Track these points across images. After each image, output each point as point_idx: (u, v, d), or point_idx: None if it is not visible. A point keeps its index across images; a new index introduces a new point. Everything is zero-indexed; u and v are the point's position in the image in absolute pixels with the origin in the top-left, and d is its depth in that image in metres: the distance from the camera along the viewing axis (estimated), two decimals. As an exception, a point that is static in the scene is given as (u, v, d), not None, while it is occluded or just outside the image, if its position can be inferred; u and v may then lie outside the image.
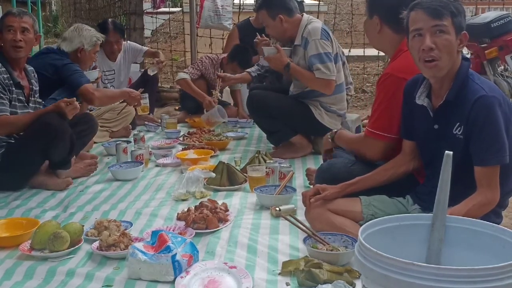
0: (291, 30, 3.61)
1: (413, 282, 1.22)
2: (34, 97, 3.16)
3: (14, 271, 2.01)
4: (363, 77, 6.73)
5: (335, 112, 3.65)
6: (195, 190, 2.86)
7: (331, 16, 7.12)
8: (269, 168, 2.95)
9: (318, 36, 3.48)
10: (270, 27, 3.67)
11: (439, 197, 1.48)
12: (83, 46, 3.67)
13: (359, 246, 1.37)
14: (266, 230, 2.36)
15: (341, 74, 3.66)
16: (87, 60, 3.78)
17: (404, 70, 2.25)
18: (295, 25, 3.60)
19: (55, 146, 2.97)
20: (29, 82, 3.14)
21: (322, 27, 3.55)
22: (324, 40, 3.49)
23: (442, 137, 1.99)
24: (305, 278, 1.83)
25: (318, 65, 3.44)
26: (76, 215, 2.62)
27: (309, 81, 3.52)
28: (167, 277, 1.88)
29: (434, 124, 2.01)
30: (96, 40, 3.74)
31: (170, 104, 6.11)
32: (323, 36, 3.49)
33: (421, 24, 1.88)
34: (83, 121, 3.41)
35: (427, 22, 1.86)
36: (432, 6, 1.86)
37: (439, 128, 2.00)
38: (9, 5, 9.61)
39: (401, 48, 2.34)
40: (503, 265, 1.22)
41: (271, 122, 3.67)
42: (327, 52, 3.48)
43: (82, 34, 3.69)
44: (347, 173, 2.40)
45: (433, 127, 2.02)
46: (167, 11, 9.33)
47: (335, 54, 3.58)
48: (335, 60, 3.56)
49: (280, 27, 3.61)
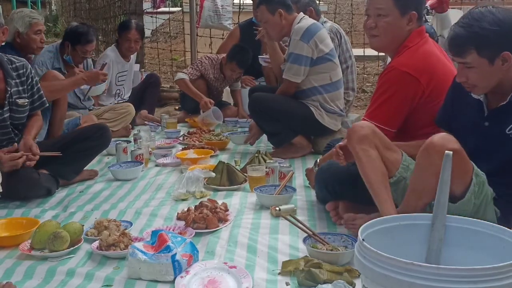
0: (287, 27, 3.65)
1: (413, 282, 1.22)
2: (11, 99, 2.81)
3: (14, 271, 2.01)
4: (363, 77, 6.72)
5: (336, 113, 3.66)
6: (195, 190, 2.86)
7: (331, 16, 7.11)
8: (269, 168, 2.95)
9: (298, 36, 3.54)
10: (269, 22, 3.69)
11: (439, 197, 1.48)
12: (18, 30, 3.59)
13: (359, 246, 1.37)
14: (266, 230, 2.36)
15: (337, 71, 3.67)
16: (30, 43, 3.65)
17: (408, 65, 2.26)
18: (290, 23, 3.64)
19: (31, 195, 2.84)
20: (6, 82, 2.79)
21: (308, 28, 3.56)
22: (303, 42, 3.52)
23: (491, 135, 1.99)
24: (305, 278, 1.83)
25: (286, 63, 3.57)
26: (76, 214, 2.62)
27: (279, 91, 3.69)
28: (167, 277, 1.88)
29: (485, 121, 2.00)
30: (30, 19, 3.60)
31: (170, 104, 6.11)
32: (303, 38, 3.52)
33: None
34: (96, 136, 3.17)
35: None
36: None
37: (490, 125, 1.99)
38: (9, 5, 9.63)
39: (406, 44, 2.35)
40: (503, 265, 1.22)
41: (273, 125, 3.68)
42: (300, 55, 3.52)
43: (13, 19, 3.61)
44: (347, 173, 2.39)
45: (483, 124, 2.01)
46: (167, 11, 9.34)
47: (326, 53, 3.58)
48: (327, 58, 3.59)
49: (279, 22, 3.63)
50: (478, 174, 1.91)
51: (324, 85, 3.61)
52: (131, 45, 4.70)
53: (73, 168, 3.11)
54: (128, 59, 4.84)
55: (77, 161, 3.13)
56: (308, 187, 2.97)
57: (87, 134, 3.15)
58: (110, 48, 4.85)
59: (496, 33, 1.85)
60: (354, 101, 5.58)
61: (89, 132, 3.17)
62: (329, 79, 3.62)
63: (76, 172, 3.16)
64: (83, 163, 3.22)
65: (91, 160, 3.32)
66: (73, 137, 3.16)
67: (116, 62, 4.72)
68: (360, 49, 6.52)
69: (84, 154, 3.15)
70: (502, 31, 1.86)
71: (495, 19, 1.86)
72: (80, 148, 3.09)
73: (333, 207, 2.44)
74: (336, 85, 3.66)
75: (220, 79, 4.99)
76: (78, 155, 3.11)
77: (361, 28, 3.49)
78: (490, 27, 1.85)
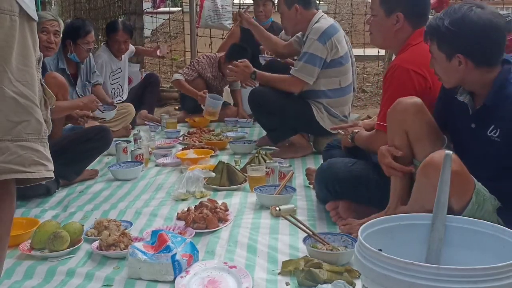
0: (302, 23, 3.61)
1: (413, 282, 1.22)
2: None
3: (14, 271, 2.01)
4: (363, 77, 6.72)
5: (338, 117, 3.61)
6: (195, 189, 2.86)
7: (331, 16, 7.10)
8: (269, 168, 2.95)
9: (316, 36, 3.48)
10: (284, 15, 3.68)
11: (439, 197, 1.48)
12: None
13: (359, 245, 1.37)
14: (266, 230, 2.36)
15: (347, 76, 3.63)
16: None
17: (412, 62, 2.26)
18: (308, 19, 3.59)
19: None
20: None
21: (327, 29, 3.51)
22: (319, 42, 3.47)
23: (476, 137, 1.97)
24: (305, 278, 1.83)
25: (299, 62, 3.49)
26: (76, 214, 2.62)
27: (276, 82, 3.59)
28: (167, 276, 1.88)
29: (471, 123, 1.99)
30: (38, 18, 3.57)
31: (170, 104, 6.11)
32: (320, 39, 3.47)
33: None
34: (98, 138, 3.19)
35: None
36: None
37: (476, 127, 1.98)
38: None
39: (409, 43, 2.36)
40: (503, 265, 1.22)
41: (270, 119, 3.67)
42: (315, 55, 3.48)
43: None
44: (347, 172, 2.40)
45: (470, 125, 1.99)
46: (167, 11, 9.33)
47: (340, 57, 3.54)
48: (340, 62, 3.55)
49: (294, 17, 3.60)
50: (479, 192, 1.85)
51: (332, 90, 3.57)
52: (120, 46, 4.72)
53: (74, 168, 3.12)
54: (120, 58, 4.85)
55: (78, 162, 3.13)
56: (308, 187, 2.97)
57: (89, 136, 3.16)
58: (102, 47, 4.87)
59: (452, 33, 1.87)
60: (354, 101, 5.58)
61: (90, 134, 3.18)
62: (339, 84, 3.57)
63: (77, 172, 3.16)
64: (84, 164, 3.22)
65: (92, 161, 3.33)
66: (74, 138, 3.16)
67: (110, 62, 4.74)
68: (360, 49, 6.52)
69: (85, 155, 3.16)
70: (459, 33, 1.86)
71: (459, 20, 1.86)
72: (81, 149, 3.09)
73: (333, 207, 2.43)
74: (344, 90, 3.61)
75: (218, 77, 4.99)
76: (79, 156, 3.12)
77: (361, 28, 3.49)
78: (449, 26, 1.87)
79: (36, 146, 1.37)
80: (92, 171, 3.33)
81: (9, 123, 1.32)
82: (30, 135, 1.36)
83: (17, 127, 1.33)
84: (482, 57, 1.88)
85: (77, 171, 3.16)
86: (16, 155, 1.33)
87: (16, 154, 1.33)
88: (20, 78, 1.34)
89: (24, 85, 1.34)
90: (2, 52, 1.31)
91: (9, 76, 1.31)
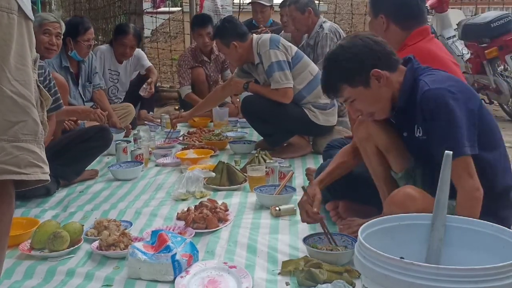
0: (247, 53, 3.70)
1: (413, 282, 1.22)
2: None
3: (13, 271, 2.01)
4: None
5: (328, 105, 3.65)
6: (195, 189, 2.86)
7: (331, 16, 7.10)
8: (269, 168, 2.95)
9: (267, 47, 3.57)
10: (226, 54, 3.86)
11: (439, 197, 1.48)
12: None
13: (359, 245, 1.37)
14: (266, 230, 2.36)
15: (311, 65, 3.70)
16: (37, 43, 3.59)
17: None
18: (249, 47, 3.67)
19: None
20: None
21: (270, 38, 3.64)
22: (274, 49, 3.56)
23: (410, 143, 2.00)
24: (305, 278, 1.83)
25: (273, 74, 3.53)
26: (76, 214, 2.62)
27: (268, 94, 3.61)
28: (167, 276, 1.88)
29: (403, 132, 2.02)
30: (41, 19, 3.40)
31: (170, 104, 6.11)
32: (272, 46, 3.56)
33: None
34: (97, 137, 3.21)
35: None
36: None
37: (408, 135, 2.00)
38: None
39: (406, 43, 2.36)
40: (503, 265, 1.22)
41: (264, 126, 3.70)
42: (279, 61, 3.54)
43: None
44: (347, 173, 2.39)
45: (403, 135, 2.03)
46: (167, 10, 9.33)
47: (295, 53, 3.64)
48: (299, 57, 3.64)
49: (235, 53, 3.70)
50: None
51: (307, 85, 3.62)
52: (126, 50, 4.65)
53: (74, 168, 3.11)
54: (121, 62, 4.79)
55: (78, 162, 3.13)
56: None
57: (88, 135, 3.16)
58: (105, 46, 4.86)
59: (353, 60, 1.90)
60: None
61: (90, 133, 3.18)
62: (310, 74, 3.63)
63: (77, 173, 3.16)
64: (84, 164, 3.22)
65: (92, 161, 3.33)
66: (74, 138, 3.16)
67: (109, 57, 4.69)
68: (360, 49, 6.53)
69: (85, 155, 3.16)
70: (358, 55, 1.90)
71: (344, 50, 1.93)
72: (81, 149, 3.09)
73: (333, 207, 2.43)
74: (317, 78, 3.58)
75: (206, 62, 5.18)
76: (79, 156, 3.12)
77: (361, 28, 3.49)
78: (347, 59, 1.91)
79: (32, 147, 1.35)
80: (92, 171, 3.32)
81: (6, 122, 1.30)
82: (26, 136, 1.33)
83: (14, 127, 1.31)
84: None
85: (77, 171, 3.16)
86: (11, 156, 1.30)
87: (11, 154, 1.30)
88: (18, 77, 1.31)
89: (22, 84, 1.32)
90: (0, 51, 1.28)
91: (7, 75, 1.29)
